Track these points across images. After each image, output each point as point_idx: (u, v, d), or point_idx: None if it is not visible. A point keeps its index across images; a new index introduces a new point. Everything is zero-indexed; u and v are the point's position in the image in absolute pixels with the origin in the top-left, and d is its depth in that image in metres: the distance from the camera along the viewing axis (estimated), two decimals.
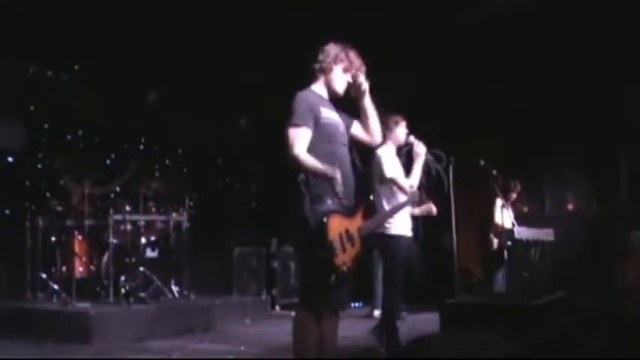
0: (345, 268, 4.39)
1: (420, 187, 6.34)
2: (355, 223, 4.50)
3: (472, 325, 5.68)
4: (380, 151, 6.52)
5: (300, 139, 4.46)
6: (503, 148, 10.03)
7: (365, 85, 4.70)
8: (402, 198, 6.36)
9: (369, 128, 4.85)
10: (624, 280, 8.05)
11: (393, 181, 6.41)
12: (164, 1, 9.08)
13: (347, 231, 4.43)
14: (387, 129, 6.58)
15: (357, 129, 4.86)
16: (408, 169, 6.56)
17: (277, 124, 4.66)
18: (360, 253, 4.52)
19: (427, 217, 6.97)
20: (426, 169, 6.58)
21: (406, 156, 6.68)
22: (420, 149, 6.48)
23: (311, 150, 4.49)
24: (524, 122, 10.24)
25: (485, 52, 9.67)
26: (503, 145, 10.12)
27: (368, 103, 4.79)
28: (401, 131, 6.69)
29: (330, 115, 4.66)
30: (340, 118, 4.76)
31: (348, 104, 4.84)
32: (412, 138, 6.56)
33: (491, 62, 9.79)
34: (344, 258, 4.38)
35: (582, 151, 10.49)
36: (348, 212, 4.48)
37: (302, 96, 4.61)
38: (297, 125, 4.48)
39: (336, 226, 4.38)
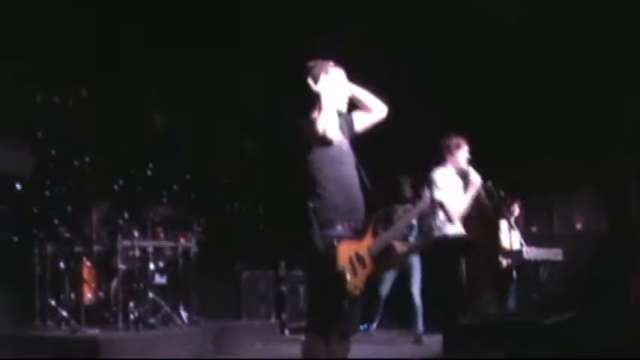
0: (357, 292, 4.41)
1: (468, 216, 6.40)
2: (365, 244, 4.49)
3: (481, 346, 5.65)
4: (434, 174, 6.51)
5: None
6: (508, 166, 10.00)
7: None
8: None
9: (368, 107, 4.83)
10: (635, 297, 8.02)
11: (440, 205, 6.39)
12: (169, 25, 9.16)
13: (357, 254, 4.43)
14: (447, 151, 6.59)
15: (359, 120, 4.84)
16: None
17: (283, 147, 4.67)
18: (372, 273, 4.52)
19: None
20: (477, 201, 6.58)
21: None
22: (475, 179, 6.45)
23: (317, 172, 4.49)
24: (531, 140, 10.19)
25: (488, 68, 9.65)
26: (508, 164, 10.08)
27: (354, 91, 4.78)
28: (462, 155, 6.64)
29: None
30: (343, 133, 4.72)
31: None
32: (471, 168, 6.53)
33: (495, 78, 9.76)
34: (355, 282, 4.38)
35: (590, 168, 10.43)
36: (357, 234, 4.48)
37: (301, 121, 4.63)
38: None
39: (346, 251, 4.38)
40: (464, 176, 6.60)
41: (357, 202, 4.56)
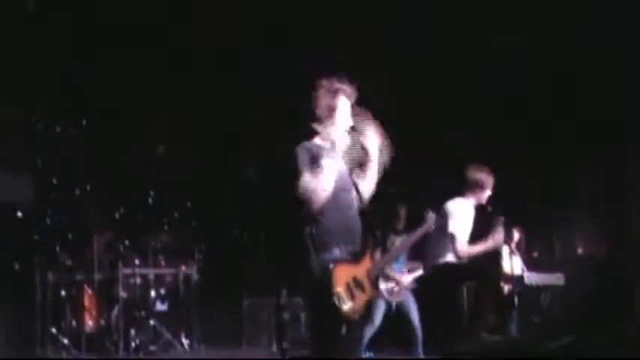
0: (356, 317, 4.40)
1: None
2: (363, 268, 4.47)
3: None
4: (450, 205, 6.44)
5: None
6: (506, 187, 9.95)
7: None
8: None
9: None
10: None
11: (451, 237, 6.36)
12: (169, 53, 9.24)
13: (354, 278, 4.41)
14: (475, 185, 6.48)
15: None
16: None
17: (285, 172, 4.67)
18: (372, 298, 4.52)
19: None
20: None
21: (477, 220, 6.62)
22: (499, 238, 6.40)
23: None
24: (529, 159, 10.12)
25: (484, 82, 9.61)
26: (505, 184, 10.03)
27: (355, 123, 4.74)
28: (487, 194, 6.58)
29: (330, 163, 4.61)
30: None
31: None
32: (500, 227, 6.44)
33: (493, 93, 9.70)
34: (354, 306, 4.37)
35: (592, 187, 10.35)
36: (355, 258, 4.48)
37: (299, 149, 4.60)
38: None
39: (342, 276, 4.36)
40: (486, 221, 6.55)
41: (355, 226, 4.56)
